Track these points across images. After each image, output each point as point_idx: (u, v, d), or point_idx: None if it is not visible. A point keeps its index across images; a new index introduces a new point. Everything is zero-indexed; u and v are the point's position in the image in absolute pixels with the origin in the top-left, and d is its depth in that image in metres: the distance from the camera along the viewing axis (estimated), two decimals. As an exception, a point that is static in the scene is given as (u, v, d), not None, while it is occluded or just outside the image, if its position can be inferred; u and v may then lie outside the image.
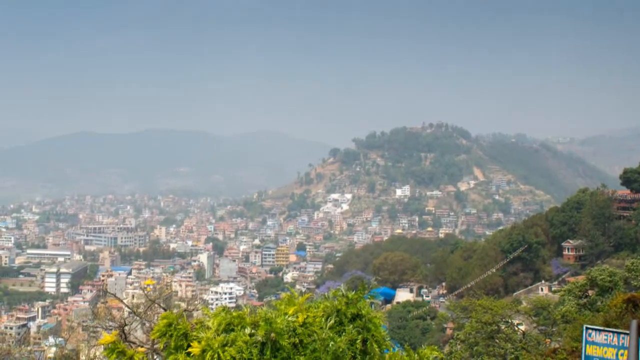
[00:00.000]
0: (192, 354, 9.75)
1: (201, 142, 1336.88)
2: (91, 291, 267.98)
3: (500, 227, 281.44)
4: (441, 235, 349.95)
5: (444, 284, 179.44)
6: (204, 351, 9.53)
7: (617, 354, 16.34)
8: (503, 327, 54.59)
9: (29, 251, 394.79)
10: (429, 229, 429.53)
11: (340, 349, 9.31)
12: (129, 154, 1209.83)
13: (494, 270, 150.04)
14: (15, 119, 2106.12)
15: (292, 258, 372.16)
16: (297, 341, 9.64)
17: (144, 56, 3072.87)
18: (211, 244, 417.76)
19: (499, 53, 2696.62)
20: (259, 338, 9.48)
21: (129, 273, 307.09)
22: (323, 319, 10.05)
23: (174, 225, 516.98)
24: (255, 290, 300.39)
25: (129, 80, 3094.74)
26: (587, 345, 17.05)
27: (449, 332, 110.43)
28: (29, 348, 65.93)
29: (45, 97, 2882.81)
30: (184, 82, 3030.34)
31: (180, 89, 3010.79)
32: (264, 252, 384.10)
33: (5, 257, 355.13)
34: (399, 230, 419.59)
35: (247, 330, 9.63)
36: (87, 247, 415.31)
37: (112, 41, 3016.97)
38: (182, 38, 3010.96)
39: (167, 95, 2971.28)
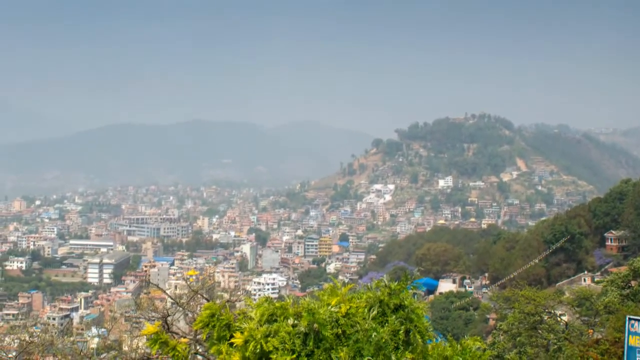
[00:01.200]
0: (234, 345, 9.85)
1: (244, 133, 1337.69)
2: (134, 282, 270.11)
3: (543, 218, 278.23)
4: (484, 226, 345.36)
5: (486, 274, 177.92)
6: (246, 342, 9.60)
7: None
8: (546, 317, 54.27)
9: (71, 242, 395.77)
10: (472, 219, 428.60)
11: (383, 340, 9.32)
12: (172, 145, 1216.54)
13: (536, 260, 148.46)
14: (59, 110, 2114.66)
15: (335, 249, 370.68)
16: (340, 332, 9.68)
17: (188, 47, 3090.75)
18: (254, 234, 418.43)
19: (543, 43, 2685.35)
20: (302, 329, 9.51)
21: (172, 264, 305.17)
22: (366, 310, 10.09)
23: (216, 216, 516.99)
24: (297, 281, 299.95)
25: (173, 71, 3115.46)
26: (630, 336, 16.95)
27: (491, 322, 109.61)
28: (71, 339, 66.21)
29: (89, 88, 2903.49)
30: (228, 73, 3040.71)
31: (224, 80, 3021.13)
32: (306, 243, 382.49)
33: (48, 247, 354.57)
34: (442, 221, 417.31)
35: (290, 321, 9.67)
36: (129, 238, 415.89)
37: (156, 31, 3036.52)
38: (226, 28, 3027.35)
39: (211, 86, 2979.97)
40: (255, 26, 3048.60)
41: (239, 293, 63.44)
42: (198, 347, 25.77)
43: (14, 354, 38.44)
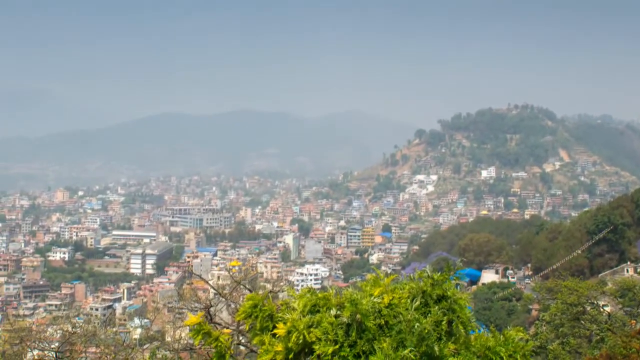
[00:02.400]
0: (277, 335, 9.92)
1: (287, 124, 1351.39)
2: (177, 272, 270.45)
3: (586, 209, 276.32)
4: (526, 217, 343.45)
5: (529, 265, 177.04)
6: (289, 332, 9.66)
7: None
8: (588, 308, 53.97)
9: (114, 232, 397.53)
10: (515, 210, 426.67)
11: (426, 330, 9.31)
12: (214, 135, 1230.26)
13: (579, 251, 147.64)
14: (102, 100, 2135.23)
15: (378, 239, 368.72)
16: (383, 322, 9.70)
17: (230, 37, 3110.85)
18: (297, 225, 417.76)
19: (586, 34, 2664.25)
20: (345, 319, 9.54)
21: (215, 254, 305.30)
22: (408, 300, 10.08)
23: (259, 207, 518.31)
24: (340, 272, 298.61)
25: (216, 61, 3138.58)
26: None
27: (534, 313, 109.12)
28: (114, 329, 66.87)
29: (132, 79, 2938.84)
30: (271, 63, 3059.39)
31: (267, 70, 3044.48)
32: (349, 234, 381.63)
33: (91, 238, 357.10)
34: (485, 212, 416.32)
35: (333, 312, 9.72)
36: (172, 229, 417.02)
37: (199, 22, 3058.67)
38: (269, 19, 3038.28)
39: (254, 77, 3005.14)
40: (302, 17, 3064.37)
41: (281, 284, 63.62)
42: (241, 338, 25.95)
43: (56, 344, 38.70)
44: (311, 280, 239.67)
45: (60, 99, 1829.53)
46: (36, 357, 37.66)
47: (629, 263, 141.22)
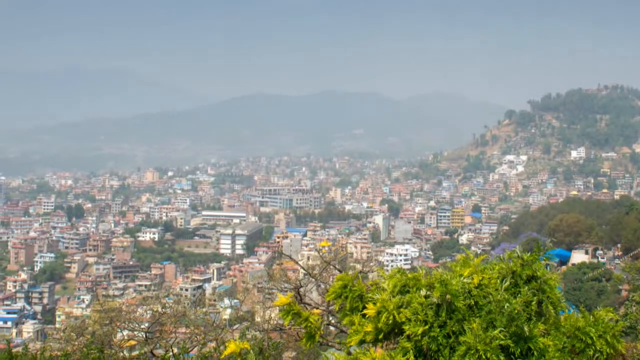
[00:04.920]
0: (367, 316, 9.77)
1: (376, 104, 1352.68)
2: (266, 253, 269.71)
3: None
4: (616, 197, 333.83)
5: (619, 245, 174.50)
6: (379, 313, 9.50)
7: None
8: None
9: (204, 213, 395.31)
10: (604, 190, 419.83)
11: (516, 311, 9.20)
12: (304, 115, 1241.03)
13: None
14: (191, 81, 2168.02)
15: (468, 220, 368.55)
16: (473, 303, 9.55)
17: (319, 18, 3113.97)
18: (386, 205, 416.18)
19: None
20: (434, 300, 9.39)
21: (304, 235, 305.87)
22: (498, 281, 9.92)
23: (349, 187, 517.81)
24: (430, 252, 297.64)
25: (304, 42, 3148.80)
26: None
27: (624, 294, 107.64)
28: (204, 310, 67.10)
29: (221, 60, 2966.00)
30: (360, 44, 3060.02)
31: (356, 50, 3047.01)
32: (439, 214, 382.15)
33: (181, 219, 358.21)
34: (574, 192, 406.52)
35: (423, 292, 9.57)
36: (262, 209, 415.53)
37: (290, 2, 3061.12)
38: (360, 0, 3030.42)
39: (343, 57, 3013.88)
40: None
41: (371, 264, 63.44)
42: (330, 318, 26.01)
43: (146, 325, 39.20)
44: (401, 260, 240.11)
45: (149, 80, 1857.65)
46: (126, 338, 38.25)
47: None
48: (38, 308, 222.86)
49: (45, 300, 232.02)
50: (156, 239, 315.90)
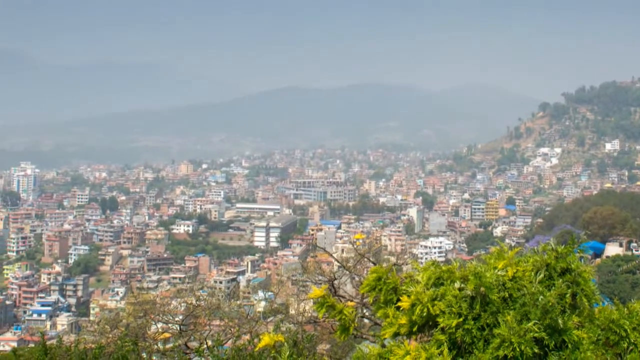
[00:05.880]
0: (401, 308, 9.77)
1: (410, 97, 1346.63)
2: (300, 245, 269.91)
3: None
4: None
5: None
6: (413, 305, 9.48)
7: None
8: None
9: (238, 205, 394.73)
10: (639, 183, 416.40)
11: (550, 303, 9.16)
12: (338, 108, 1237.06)
13: None
14: (226, 73, 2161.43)
15: (502, 212, 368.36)
16: (507, 295, 9.52)
17: (358, 10, 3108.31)
18: (420, 198, 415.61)
19: None
20: (469, 292, 9.39)
21: (339, 227, 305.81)
22: (532, 273, 9.91)
23: (383, 180, 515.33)
24: (464, 245, 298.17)
25: (339, 35, 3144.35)
26: None
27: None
28: (238, 302, 67.18)
29: (256, 52, 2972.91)
30: (394, 37, 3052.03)
31: (390, 43, 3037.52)
32: (473, 206, 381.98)
33: (215, 211, 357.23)
34: (609, 185, 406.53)
35: (457, 285, 9.56)
36: (296, 202, 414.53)
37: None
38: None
39: (377, 50, 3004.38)
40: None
41: (405, 256, 63.46)
42: (365, 311, 26.14)
43: (180, 317, 39.39)
44: (435, 253, 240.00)
45: (184, 72, 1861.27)
46: (160, 330, 38.45)
47: None
48: (72, 301, 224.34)
49: (79, 293, 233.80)
50: (190, 232, 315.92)
